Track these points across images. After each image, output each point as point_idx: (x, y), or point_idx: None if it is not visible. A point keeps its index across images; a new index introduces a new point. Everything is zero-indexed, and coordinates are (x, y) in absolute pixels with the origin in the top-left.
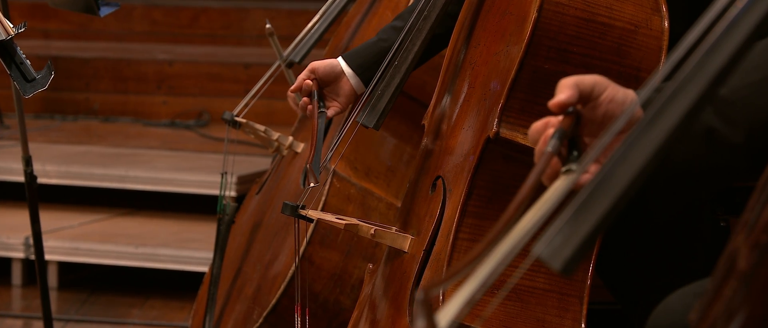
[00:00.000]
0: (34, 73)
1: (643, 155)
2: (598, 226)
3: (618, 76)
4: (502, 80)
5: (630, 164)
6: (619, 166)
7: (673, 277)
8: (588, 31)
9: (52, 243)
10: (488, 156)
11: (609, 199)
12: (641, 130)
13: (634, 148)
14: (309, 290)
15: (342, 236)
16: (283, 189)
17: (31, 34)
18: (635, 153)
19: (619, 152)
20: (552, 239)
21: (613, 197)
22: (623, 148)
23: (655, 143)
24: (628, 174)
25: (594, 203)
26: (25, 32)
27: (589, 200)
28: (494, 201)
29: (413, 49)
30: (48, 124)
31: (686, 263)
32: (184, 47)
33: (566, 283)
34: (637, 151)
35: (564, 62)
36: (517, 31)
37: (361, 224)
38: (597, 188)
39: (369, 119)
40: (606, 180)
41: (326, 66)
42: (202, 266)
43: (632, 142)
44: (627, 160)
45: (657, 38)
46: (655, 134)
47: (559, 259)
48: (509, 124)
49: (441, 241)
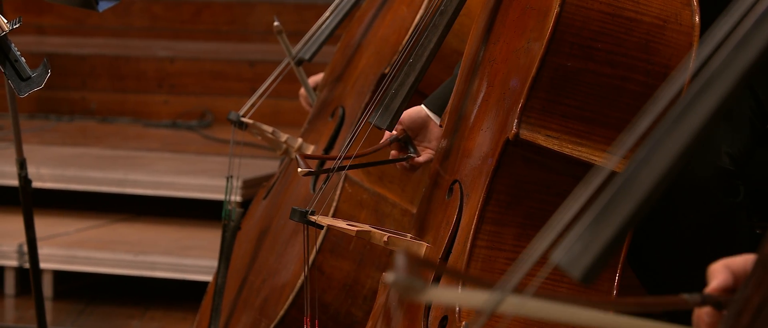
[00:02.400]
0: (30, 72)
1: (667, 157)
2: (621, 231)
3: (646, 74)
4: (523, 78)
5: (654, 165)
6: (642, 168)
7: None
8: (613, 26)
9: (47, 251)
10: (507, 159)
11: (632, 203)
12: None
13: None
14: (319, 301)
15: (354, 244)
16: (292, 194)
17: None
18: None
19: (643, 154)
20: (571, 245)
21: (637, 200)
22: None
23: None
24: (651, 176)
25: (616, 207)
26: (17, 28)
27: (610, 204)
28: (514, 207)
29: (429, 46)
30: (43, 124)
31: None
32: (186, 43)
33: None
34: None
35: (588, 59)
36: (539, 27)
37: (373, 231)
38: (619, 191)
39: (382, 120)
40: (629, 183)
41: (411, 115)
42: (205, 276)
43: (656, 143)
44: (651, 161)
45: (687, 34)
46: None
47: (579, 267)
48: (530, 125)
49: (457, 249)
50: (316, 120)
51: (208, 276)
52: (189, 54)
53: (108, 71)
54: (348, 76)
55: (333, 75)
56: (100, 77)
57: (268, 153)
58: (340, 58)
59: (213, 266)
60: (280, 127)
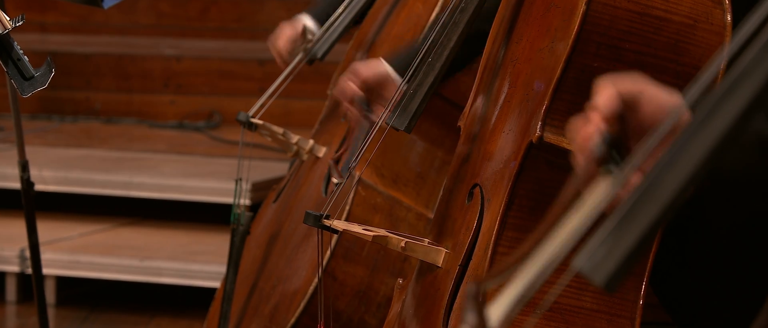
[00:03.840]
0: (33, 71)
1: (694, 159)
2: (645, 237)
3: (675, 75)
4: (547, 79)
5: (680, 169)
6: (667, 171)
7: (737, 296)
8: (642, 25)
9: (50, 256)
10: (531, 162)
11: (656, 207)
12: (692, 131)
13: (684, 151)
14: (331, 309)
15: (367, 250)
16: (303, 197)
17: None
18: (685, 157)
19: (668, 157)
20: (593, 251)
21: (661, 205)
22: (672, 152)
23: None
24: (677, 180)
25: (640, 211)
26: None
27: (634, 209)
28: (537, 212)
29: (449, 45)
30: (45, 125)
31: (751, 279)
32: (194, 42)
33: (616, 302)
34: (687, 155)
35: (615, 60)
36: (564, 26)
37: (390, 236)
38: (643, 195)
39: (400, 121)
40: (653, 187)
41: (374, 70)
42: (213, 282)
43: (682, 146)
44: (676, 165)
45: (718, 34)
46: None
47: (602, 273)
48: (554, 128)
49: (478, 255)
50: (328, 121)
51: (216, 282)
52: (196, 52)
53: (113, 70)
54: None
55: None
56: (104, 77)
57: (278, 155)
58: (353, 57)
59: (221, 271)
60: (290, 128)
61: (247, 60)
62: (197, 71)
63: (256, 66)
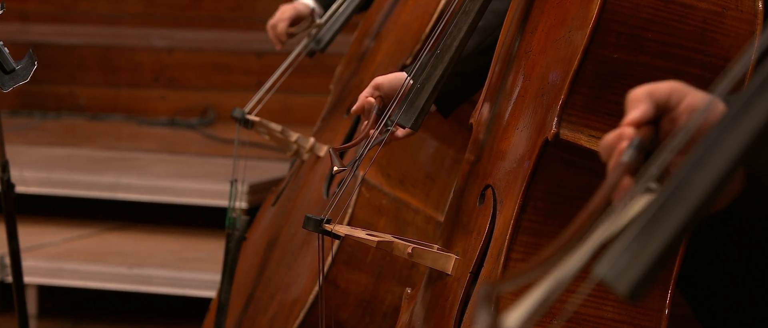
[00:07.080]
0: (14, 63)
1: (723, 160)
2: (672, 243)
3: (702, 67)
4: (563, 72)
5: (709, 170)
6: (696, 172)
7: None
8: (666, 13)
9: (32, 263)
10: (546, 161)
11: (684, 211)
12: (722, 130)
13: (714, 151)
14: (333, 319)
15: (372, 255)
16: (303, 200)
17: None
18: (715, 157)
19: (696, 157)
20: (616, 258)
21: (689, 208)
22: (701, 152)
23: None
24: (706, 182)
25: (666, 215)
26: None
27: (660, 213)
28: (553, 215)
29: (459, 35)
30: (26, 122)
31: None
32: (186, 32)
33: (640, 313)
34: (717, 156)
35: (637, 51)
36: (581, 14)
37: (396, 242)
38: (670, 198)
39: (406, 118)
40: (681, 189)
41: (392, 81)
42: (207, 291)
43: (711, 145)
44: (706, 165)
45: (749, 22)
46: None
47: (625, 281)
48: (571, 124)
49: (490, 262)
50: (330, 117)
51: (211, 291)
52: (189, 44)
53: (99, 63)
54: (365, 69)
55: (349, 67)
56: (90, 70)
57: (276, 154)
58: (358, 49)
59: (216, 280)
60: (290, 125)
61: (244, 52)
62: (190, 64)
63: (254, 58)
